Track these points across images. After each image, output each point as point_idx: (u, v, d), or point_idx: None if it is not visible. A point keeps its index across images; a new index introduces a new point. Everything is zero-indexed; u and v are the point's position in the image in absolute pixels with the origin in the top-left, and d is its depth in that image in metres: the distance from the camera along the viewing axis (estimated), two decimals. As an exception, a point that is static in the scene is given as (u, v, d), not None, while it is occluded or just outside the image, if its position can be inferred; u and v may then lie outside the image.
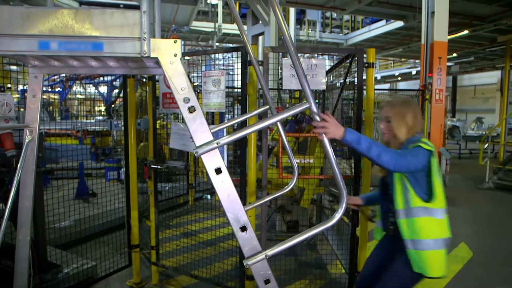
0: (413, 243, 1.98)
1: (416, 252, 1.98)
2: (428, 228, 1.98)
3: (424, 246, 1.96)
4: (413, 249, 1.98)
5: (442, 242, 1.99)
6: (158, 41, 1.46)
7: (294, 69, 1.70)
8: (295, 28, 13.37)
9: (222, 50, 4.66)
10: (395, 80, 26.47)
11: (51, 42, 1.54)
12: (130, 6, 11.87)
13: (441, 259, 1.99)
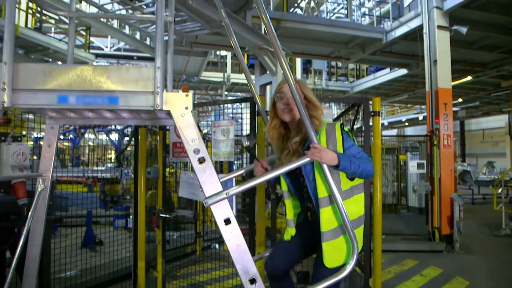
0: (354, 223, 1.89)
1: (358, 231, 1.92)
2: (360, 205, 1.96)
3: (358, 222, 1.94)
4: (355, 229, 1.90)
5: (363, 218, 1.99)
6: (170, 94, 1.53)
7: (302, 119, 1.75)
8: (301, 77, 13.78)
9: (231, 101, 4.80)
10: (402, 125, 26.63)
11: (70, 96, 1.62)
12: (143, 57, 12.46)
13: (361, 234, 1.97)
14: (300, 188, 2.06)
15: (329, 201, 1.87)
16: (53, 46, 9.31)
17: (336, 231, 1.87)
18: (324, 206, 1.87)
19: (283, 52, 1.88)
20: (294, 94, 1.74)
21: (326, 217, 1.86)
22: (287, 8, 9.53)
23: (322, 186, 1.87)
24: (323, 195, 1.88)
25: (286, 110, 1.95)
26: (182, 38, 7.66)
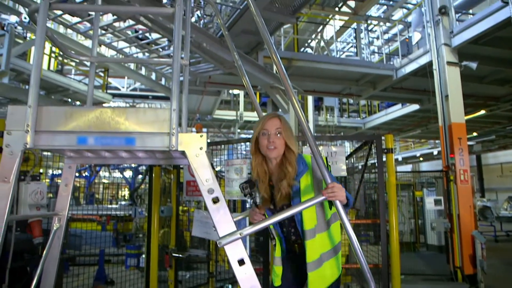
0: (335, 249, 1.99)
1: (337, 257, 2.01)
2: (339, 231, 2.03)
3: (338, 247, 2.03)
4: (335, 256, 1.99)
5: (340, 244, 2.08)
6: (185, 135, 1.58)
7: (314, 157, 1.76)
8: (313, 114, 13.91)
9: (244, 140, 4.87)
10: (417, 161, 26.27)
11: (89, 138, 1.68)
12: (158, 97, 12.83)
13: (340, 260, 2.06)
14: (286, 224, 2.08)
15: (314, 232, 1.93)
16: (73, 87, 9.69)
17: (320, 260, 1.92)
18: (310, 238, 1.92)
19: (294, 90, 1.93)
20: (306, 132, 1.77)
21: (311, 248, 1.91)
22: (297, 48, 9.81)
23: (308, 219, 1.92)
24: (309, 227, 1.92)
25: (272, 147, 1.95)
26: (196, 78, 7.91)
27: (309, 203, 1.70)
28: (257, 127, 2.02)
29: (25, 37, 9.04)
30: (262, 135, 1.98)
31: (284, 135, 1.97)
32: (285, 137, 1.97)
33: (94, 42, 2.65)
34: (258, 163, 2.04)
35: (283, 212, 1.67)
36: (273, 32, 6.49)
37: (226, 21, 5.81)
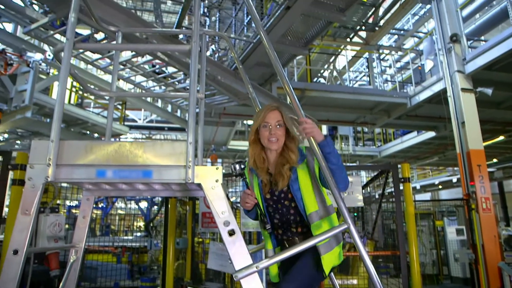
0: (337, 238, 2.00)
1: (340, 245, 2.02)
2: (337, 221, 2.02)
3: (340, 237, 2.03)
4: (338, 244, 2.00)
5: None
6: (201, 168, 1.60)
7: (330, 188, 1.76)
8: (328, 143, 13.84)
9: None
10: (436, 188, 25.62)
11: (107, 171, 1.72)
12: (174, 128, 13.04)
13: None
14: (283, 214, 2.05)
15: (318, 215, 1.96)
16: (92, 120, 9.97)
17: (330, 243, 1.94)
18: (315, 221, 1.94)
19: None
20: (320, 161, 1.78)
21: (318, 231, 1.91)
22: (310, 78, 9.96)
23: (310, 202, 1.96)
24: (312, 210, 1.95)
25: (273, 139, 2.00)
26: (211, 110, 8.06)
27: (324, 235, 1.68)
28: (258, 119, 2.06)
29: (48, 72, 9.45)
30: (263, 127, 2.03)
31: (285, 126, 2.04)
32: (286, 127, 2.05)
33: (113, 77, 2.75)
34: (257, 152, 2.08)
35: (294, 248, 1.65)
36: (286, 63, 6.63)
37: (240, 54, 5.98)
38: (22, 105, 7.88)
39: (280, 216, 2.06)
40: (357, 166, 10.51)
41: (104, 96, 2.81)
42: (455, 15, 8.21)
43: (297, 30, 5.71)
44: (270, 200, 2.07)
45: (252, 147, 2.10)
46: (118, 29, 2.81)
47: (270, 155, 2.08)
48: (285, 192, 2.02)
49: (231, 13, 6.29)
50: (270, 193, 2.07)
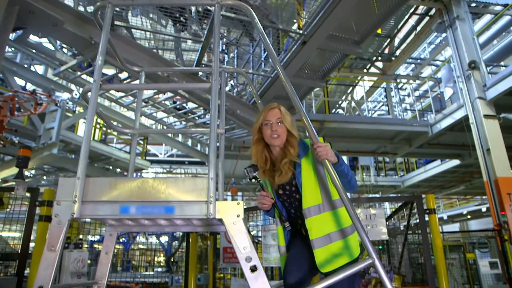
0: (344, 231, 1.97)
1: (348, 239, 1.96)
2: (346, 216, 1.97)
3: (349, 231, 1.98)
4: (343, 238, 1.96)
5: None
6: (222, 203, 1.61)
7: (352, 221, 1.73)
8: (349, 174, 13.66)
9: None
10: (464, 219, 24.56)
11: (131, 207, 1.75)
12: (194, 162, 13.18)
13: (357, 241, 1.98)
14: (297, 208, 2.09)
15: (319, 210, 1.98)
16: (115, 155, 10.22)
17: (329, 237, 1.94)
18: (312, 215, 1.97)
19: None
20: (340, 192, 1.76)
21: (315, 225, 1.95)
22: (329, 109, 10.01)
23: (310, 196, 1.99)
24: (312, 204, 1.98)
25: (275, 136, 2.08)
26: (231, 144, 8.15)
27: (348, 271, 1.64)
28: (259, 118, 2.16)
29: (74, 110, 9.86)
30: (265, 126, 2.12)
31: (285, 123, 2.10)
32: (286, 125, 2.10)
33: (136, 115, 2.85)
34: (259, 150, 2.16)
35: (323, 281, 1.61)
36: (303, 96, 6.71)
37: (258, 89, 6.11)
38: (49, 142, 8.19)
39: (295, 210, 2.12)
40: (379, 198, 10.26)
41: (127, 133, 2.90)
42: (472, 42, 8.21)
43: (314, 63, 5.82)
44: (284, 195, 2.13)
45: (255, 146, 2.19)
46: (141, 69, 2.94)
47: (275, 153, 2.16)
48: (294, 185, 2.08)
49: (249, 49, 6.49)
50: (282, 188, 2.13)
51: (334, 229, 1.97)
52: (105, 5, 2.16)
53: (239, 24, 5.33)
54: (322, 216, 1.98)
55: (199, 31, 5.20)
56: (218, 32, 2.08)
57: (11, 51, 8.66)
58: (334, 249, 1.94)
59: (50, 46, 7.48)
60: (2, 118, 6.28)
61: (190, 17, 5.20)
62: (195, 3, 4.93)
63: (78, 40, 4.52)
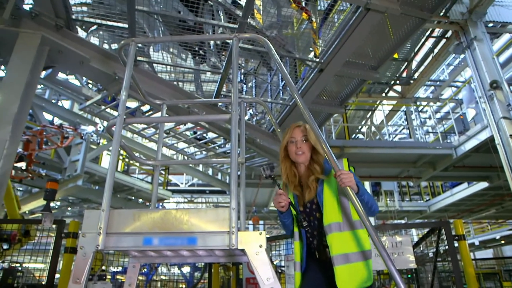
0: (364, 254, 1.97)
1: (367, 263, 1.96)
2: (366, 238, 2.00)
3: (369, 254, 1.99)
4: (364, 261, 1.96)
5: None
6: (245, 233, 1.61)
7: (377, 250, 1.68)
8: (372, 199, 13.37)
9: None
10: (498, 244, 23.36)
11: (154, 238, 1.76)
12: (215, 191, 13.21)
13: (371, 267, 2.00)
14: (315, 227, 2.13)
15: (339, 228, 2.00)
16: (137, 186, 10.39)
17: (346, 257, 1.95)
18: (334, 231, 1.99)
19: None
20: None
21: (336, 242, 1.97)
22: (348, 135, 9.95)
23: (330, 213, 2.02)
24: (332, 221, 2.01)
25: (300, 153, 2.18)
26: (251, 172, 8.16)
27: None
28: (285, 137, 2.26)
29: (98, 143, 10.16)
30: (290, 143, 2.22)
31: (310, 140, 2.20)
32: (311, 142, 2.19)
33: (159, 147, 2.91)
34: (287, 167, 2.25)
35: None
36: (323, 123, 6.71)
37: (277, 117, 6.16)
38: (75, 174, 8.43)
39: (312, 230, 2.15)
40: (405, 224, 9.95)
41: (150, 165, 2.96)
42: (492, 62, 8.10)
43: (332, 90, 5.85)
44: (304, 213, 2.17)
45: (283, 163, 2.27)
46: (163, 102, 3.03)
47: (300, 170, 2.24)
48: (315, 203, 2.13)
49: (267, 79, 6.60)
50: (303, 206, 2.18)
51: (355, 250, 1.98)
52: (129, 43, 2.27)
53: (256, 54, 5.46)
54: (342, 235, 2.00)
55: (217, 62, 5.35)
56: (236, 65, 2.15)
57: (40, 88, 9.11)
58: (355, 269, 1.94)
59: (77, 82, 7.83)
60: (31, 151, 6.54)
61: (209, 50, 5.38)
62: (214, 38, 5.13)
63: (102, 76, 4.72)
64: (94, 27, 4.99)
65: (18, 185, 9.49)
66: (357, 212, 1.85)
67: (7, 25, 3.88)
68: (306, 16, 5.01)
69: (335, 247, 1.97)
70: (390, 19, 4.57)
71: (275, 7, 5.01)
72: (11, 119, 3.55)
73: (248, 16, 4.28)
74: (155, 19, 4.97)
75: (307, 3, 5.17)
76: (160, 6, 4.84)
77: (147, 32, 5.07)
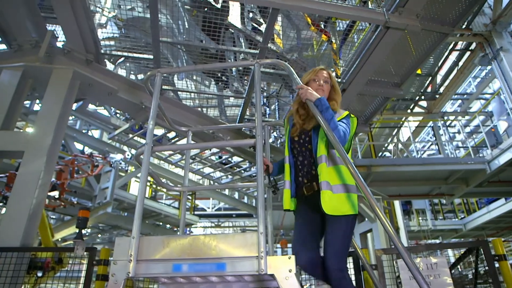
0: (346, 187, 2.21)
1: (349, 195, 2.20)
2: (349, 174, 2.19)
3: (351, 188, 2.22)
4: (346, 192, 2.20)
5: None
6: (274, 258, 1.59)
7: (411, 272, 1.63)
8: (403, 219, 12.87)
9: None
10: (543, 264, 21.85)
11: (183, 265, 1.77)
12: (242, 214, 13.15)
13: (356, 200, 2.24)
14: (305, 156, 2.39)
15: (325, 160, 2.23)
16: (165, 211, 10.50)
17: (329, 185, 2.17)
18: (322, 162, 2.22)
19: (377, 197, 1.90)
20: (394, 240, 1.68)
21: (325, 171, 2.20)
22: (375, 153, 9.76)
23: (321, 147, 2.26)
24: (322, 153, 2.24)
25: (320, 89, 2.42)
26: (278, 195, 8.09)
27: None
28: (309, 74, 2.49)
29: (127, 170, 10.41)
30: (313, 81, 2.46)
31: (332, 82, 2.47)
32: (333, 83, 2.47)
33: (185, 173, 2.96)
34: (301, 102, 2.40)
35: None
36: (347, 142, 6.63)
37: (301, 138, 6.14)
38: (104, 201, 8.63)
39: (302, 158, 2.41)
40: (439, 245, 9.52)
41: (177, 191, 3.00)
42: (521, 72, 7.86)
43: (355, 109, 5.82)
44: (297, 143, 2.45)
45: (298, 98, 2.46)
46: (188, 128, 3.11)
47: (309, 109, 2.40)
48: (309, 137, 2.38)
49: (289, 100, 6.64)
50: (298, 136, 2.44)
51: (338, 183, 2.22)
52: (155, 74, 2.37)
53: (278, 77, 5.53)
54: (329, 168, 2.24)
55: (240, 87, 5.45)
56: (259, 90, 2.18)
57: (71, 119, 9.52)
58: (339, 199, 2.17)
59: (105, 112, 8.13)
60: (64, 181, 6.77)
61: (231, 76, 5.50)
62: (236, 65, 5.25)
63: (130, 106, 4.90)
64: (121, 59, 5.23)
65: (51, 213, 9.80)
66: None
67: (43, 62, 4.13)
68: (326, 38, 5.06)
69: (323, 175, 2.19)
70: (411, 36, 4.55)
71: (295, 31, 5.09)
72: (46, 150, 3.72)
73: (268, 41, 4.37)
74: (178, 49, 5.15)
75: (326, 25, 5.23)
76: (183, 37, 5.03)
77: (171, 61, 5.26)
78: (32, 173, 3.62)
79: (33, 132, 3.91)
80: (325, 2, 4.08)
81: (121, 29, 5.22)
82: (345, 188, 2.21)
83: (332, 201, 2.14)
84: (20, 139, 3.85)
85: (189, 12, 5.07)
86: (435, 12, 4.29)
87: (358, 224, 8.82)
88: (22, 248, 3.30)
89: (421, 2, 3.98)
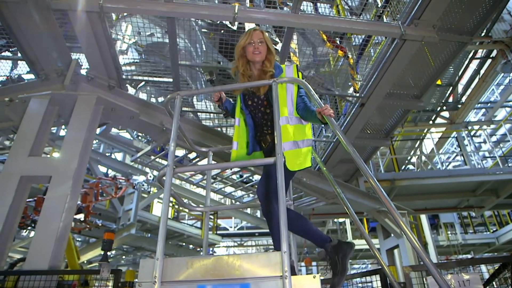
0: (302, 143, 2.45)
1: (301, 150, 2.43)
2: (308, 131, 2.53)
3: (301, 143, 2.45)
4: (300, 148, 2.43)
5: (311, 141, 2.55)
6: (298, 278, 1.57)
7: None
8: (431, 234, 12.43)
9: (359, 274, 4.55)
10: None
11: (207, 286, 1.77)
12: (264, 233, 13.01)
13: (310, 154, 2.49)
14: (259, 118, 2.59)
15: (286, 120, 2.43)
16: (187, 232, 10.53)
17: (293, 144, 2.41)
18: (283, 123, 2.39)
19: (402, 212, 1.85)
20: (437, 279, 1.62)
21: (284, 132, 2.36)
22: (398, 167, 9.57)
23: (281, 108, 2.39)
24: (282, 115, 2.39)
25: (257, 52, 2.52)
26: (300, 212, 8.00)
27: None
28: (244, 39, 2.57)
29: (149, 191, 10.55)
30: (249, 44, 2.54)
31: (266, 42, 2.54)
32: (267, 44, 2.54)
33: (207, 193, 2.99)
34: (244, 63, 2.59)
35: None
36: (369, 156, 6.54)
37: (322, 155, 6.10)
38: (128, 223, 8.74)
39: (258, 120, 2.59)
40: (471, 260, 9.11)
41: (199, 211, 3.01)
42: (548, 79, 7.61)
43: (376, 123, 5.75)
44: (251, 107, 2.61)
45: (240, 60, 2.60)
46: (209, 149, 3.14)
47: (254, 69, 2.60)
48: (262, 100, 2.56)
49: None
50: (251, 100, 2.60)
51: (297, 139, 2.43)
52: (175, 96, 2.42)
53: (296, 94, 5.55)
54: (286, 127, 2.41)
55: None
56: (277, 108, 2.20)
57: (95, 143, 9.79)
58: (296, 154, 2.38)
59: (128, 135, 8.32)
60: (89, 203, 6.91)
61: (249, 95, 5.55)
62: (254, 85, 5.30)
63: (151, 128, 5.00)
64: (142, 83, 5.38)
65: (76, 235, 9.97)
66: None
67: (68, 89, 4.29)
68: (342, 53, 5.08)
69: (284, 136, 2.33)
70: (429, 47, 4.51)
71: (311, 48, 5.13)
72: (72, 174, 3.82)
73: (285, 59, 4.41)
74: (197, 71, 5.27)
75: (341, 41, 5.25)
76: (201, 59, 5.14)
77: (190, 83, 5.37)
78: (59, 197, 3.71)
79: (60, 157, 4.03)
80: (339, 18, 4.12)
81: (141, 54, 5.39)
82: (301, 144, 2.45)
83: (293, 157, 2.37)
84: (47, 164, 3.97)
85: (206, 35, 5.20)
86: (452, 22, 4.25)
87: (384, 240, 8.58)
88: (50, 271, 3.36)
89: (437, 13, 3.96)
